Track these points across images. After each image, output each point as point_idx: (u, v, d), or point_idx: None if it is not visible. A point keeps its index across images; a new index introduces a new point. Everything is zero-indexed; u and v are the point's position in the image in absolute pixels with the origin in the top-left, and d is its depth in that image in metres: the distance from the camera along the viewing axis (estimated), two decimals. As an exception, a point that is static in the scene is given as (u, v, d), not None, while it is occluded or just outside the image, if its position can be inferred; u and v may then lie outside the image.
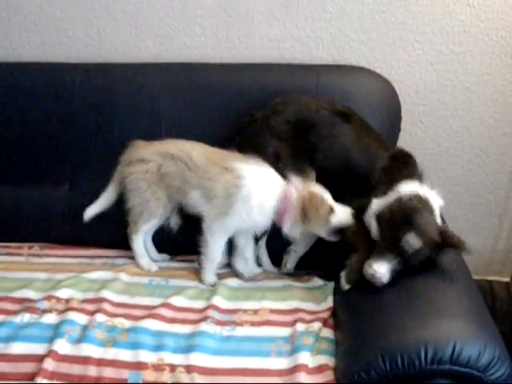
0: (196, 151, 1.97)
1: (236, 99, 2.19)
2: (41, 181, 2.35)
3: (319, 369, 1.64)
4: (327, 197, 1.89)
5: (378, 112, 2.08)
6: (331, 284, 1.97)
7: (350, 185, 1.95)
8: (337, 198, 1.91)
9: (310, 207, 1.85)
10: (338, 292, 1.90)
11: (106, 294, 1.93)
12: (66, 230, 2.30)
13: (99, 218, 2.26)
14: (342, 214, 1.87)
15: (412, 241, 1.69)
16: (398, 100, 2.25)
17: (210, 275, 2.01)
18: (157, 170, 1.98)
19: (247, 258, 2.08)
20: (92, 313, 1.85)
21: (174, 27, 2.36)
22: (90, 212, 2.11)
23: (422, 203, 1.74)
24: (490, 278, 2.52)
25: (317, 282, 2.03)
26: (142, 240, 2.12)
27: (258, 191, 1.88)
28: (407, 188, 1.79)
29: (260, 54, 2.34)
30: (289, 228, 1.90)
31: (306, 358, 1.66)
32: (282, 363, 1.66)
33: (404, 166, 1.89)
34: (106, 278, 2.03)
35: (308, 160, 2.01)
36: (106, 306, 1.87)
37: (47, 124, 2.30)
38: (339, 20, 2.28)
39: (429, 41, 2.29)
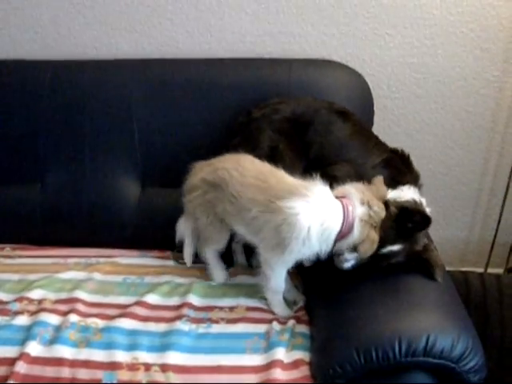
0: (233, 177, 1.74)
1: (208, 95, 2.17)
2: (12, 180, 2.31)
3: (294, 364, 1.64)
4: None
5: (350, 106, 2.07)
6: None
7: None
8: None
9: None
10: (311, 287, 1.91)
11: (79, 293, 1.90)
12: (38, 230, 2.27)
13: (72, 217, 2.25)
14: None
15: (396, 249, 1.70)
16: (371, 93, 2.25)
17: (280, 308, 1.83)
18: (203, 197, 1.85)
19: None
20: (65, 313, 1.82)
21: (145, 23, 2.33)
22: (189, 256, 2.04)
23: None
24: (464, 268, 2.54)
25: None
26: (213, 253, 1.97)
27: (317, 224, 1.62)
28: (408, 194, 1.79)
29: (232, 49, 2.32)
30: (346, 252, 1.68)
31: (281, 353, 1.65)
32: (258, 360, 1.66)
33: (405, 168, 1.92)
34: (79, 277, 2.00)
35: (303, 156, 1.98)
36: (79, 306, 1.85)
37: (17, 122, 2.26)
38: (311, 14, 2.27)
39: (400, 34, 2.30)
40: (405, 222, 1.68)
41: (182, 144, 2.18)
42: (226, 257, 2.04)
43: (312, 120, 1.99)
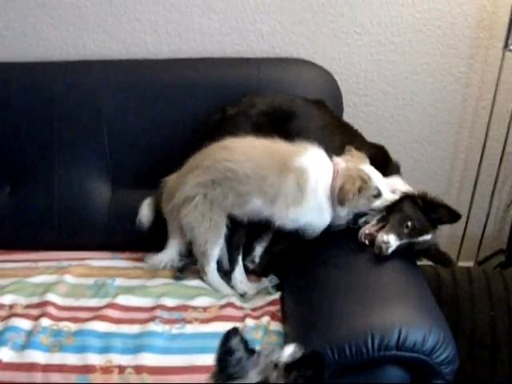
0: (237, 161, 1.83)
1: (177, 95, 2.17)
2: (-20, 185, 2.28)
3: (269, 362, 1.64)
4: (373, 176, 1.84)
5: (319, 103, 2.09)
6: (276, 279, 1.99)
7: None
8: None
9: (347, 181, 1.79)
10: (284, 285, 1.92)
11: (50, 297, 1.88)
12: (7, 235, 2.24)
13: (41, 220, 2.23)
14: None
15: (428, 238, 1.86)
16: (340, 91, 2.27)
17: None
18: (204, 200, 1.86)
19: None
20: (36, 318, 1.80)
21: (113, 23, 2.31)
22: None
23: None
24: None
25: (264, 282, 2.02)
26: (215, 270, 1.97)
27: (319, 174, 1.82)
28: (400, 184, 1.98)
29: (200, 49, 2.32)
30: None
31: (255, 351, 1.66)
32: (232, 358, 1.66)
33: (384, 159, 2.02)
34: (50, 281, 1.98)
35: None
36: (51, 310, 1.83)
37: (-16, 126, 2.23)
38: (279, 13, 2.28)
39: (368, 32, 2.32)
40: (429, 213, 1.83)
41: (152, 145, 2.18)
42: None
43: (292, 110, 2.01)
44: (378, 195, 1.84)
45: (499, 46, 2.28)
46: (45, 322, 1.78)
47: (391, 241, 1.76)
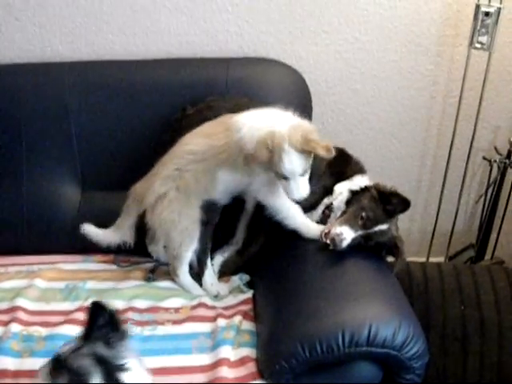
0: (192, 143, 1.84)
1: (146, 96, 2.16)
2: None
3: (241, 361, 1.65)
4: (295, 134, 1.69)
5: (288, 103, 2.07)
6: (247, 277, 2.00)
7: None
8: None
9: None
10: (255, 284, 1.93)
11: (20, 302, 1.86)
12: (-24, 240, 2.21)
13: (11, 224, 2.20)
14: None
15: (384, 228, 1.83)
16: (309, 90, 2.28)
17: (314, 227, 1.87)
18: (178, 193, 1.84)
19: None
20: (6, 323, 1.78)
21: (80, 25, 2.29)
22: (90, 229, 1.96)
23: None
24: (406, 259, 2.60)
25: (235, 280, 2.03)
26: (187, 272, 1.96)
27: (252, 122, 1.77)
28: (362, 182, 1.96)
29: (169, 50, 2.31)
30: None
31: (227, 351, 1.66)
32: (204, 359, 1.66)
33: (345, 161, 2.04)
34: (21, 285, 1.96)
35: None
36: (21, 315, 1.81)
37: (-50, 130, 2.20)
38: (247, 12, 2.28)
39: (336, 30, 2.33)
40: (385, 204, 1.83)
41: (120, 146, 2.16)
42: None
43: None
44: (285, 178, 1.71)
45: (465, 44, 2.31)
46: (15, 327, 1.76)
47: (344, 232, 1.76)
